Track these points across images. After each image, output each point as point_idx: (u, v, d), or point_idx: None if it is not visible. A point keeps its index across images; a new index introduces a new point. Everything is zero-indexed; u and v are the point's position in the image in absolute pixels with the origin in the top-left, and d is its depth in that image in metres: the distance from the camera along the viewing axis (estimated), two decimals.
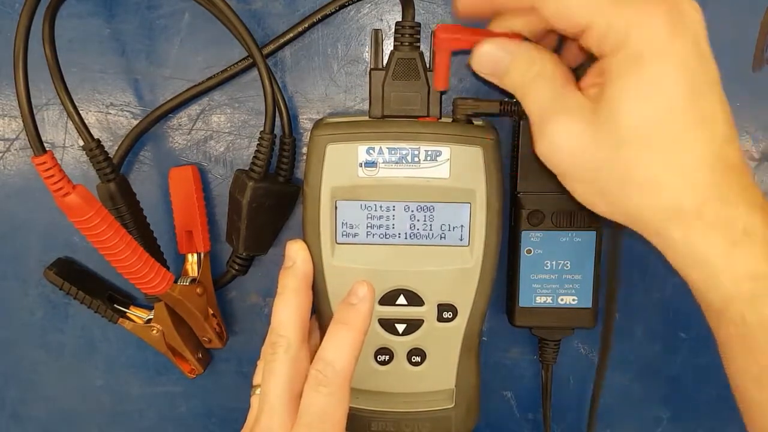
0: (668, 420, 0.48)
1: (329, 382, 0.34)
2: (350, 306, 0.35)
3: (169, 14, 0.42)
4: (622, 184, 0.29)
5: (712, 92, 0.28)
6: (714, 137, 0.28)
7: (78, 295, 0.43)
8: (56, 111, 0.43)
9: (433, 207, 0.38)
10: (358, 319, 0.35)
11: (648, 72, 0.27)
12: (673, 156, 0.28)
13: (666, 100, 0.27)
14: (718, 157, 0.28)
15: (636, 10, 0.27)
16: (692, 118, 0.28)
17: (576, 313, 0.43)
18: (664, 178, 0.28)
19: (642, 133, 0.28)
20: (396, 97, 0.38)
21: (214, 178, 0.44)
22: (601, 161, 0.29)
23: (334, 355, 0.34)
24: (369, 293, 0.35)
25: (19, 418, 0.48)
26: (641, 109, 0.28)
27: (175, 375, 0.47)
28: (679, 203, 0.28)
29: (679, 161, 0.28)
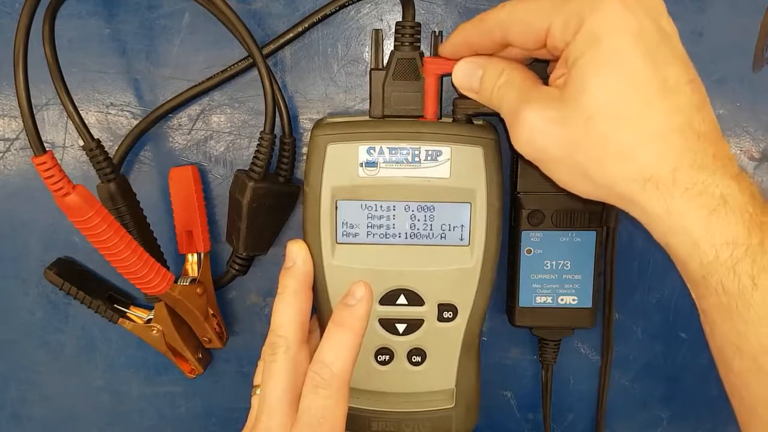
0: (668, 420, 0.48)
1: (327, 385, 0.34)
2: (347, 307, 0.35)
3: (169, 14, 0.42)
4: (597, 159, 0.29)
5: (675, 63, 0.29)
6: (681, 105, 0.29)
7: (78, 295, 0.43)
8: (56, 111, 0.43)
9: (434, 207, 0.38)
10: (356, 320, 0.35)
11: (605, 48, 0.28)
12: (641, 125, 0.28)
13: (626, 72, 0.28)
14: (689, 124, 0.29)
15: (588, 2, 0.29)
16: (655, 88, 0.28)
17: (576, 313, 0.43)
18: (636, 148, 0.29)
19: (608, 107, 0.29)
20: (396, 97, 0.38)
21: (214, 178, 0.44)
22: (573, 141, 0.30)
23: (332, 357, 0.34)
24: (366, 294, 0.35)
25: (19, 418, 0.48)
26: (603, 84, 0.28)
27: (175, 375, 0.47)
28: (653, 171, 0.29)
29: (648, 130, 0.28)
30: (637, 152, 0.29)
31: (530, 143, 0.31)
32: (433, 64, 0.37)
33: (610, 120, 0.29)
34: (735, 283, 0.28)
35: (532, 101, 0.31)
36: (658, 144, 0.28)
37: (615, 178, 0.29)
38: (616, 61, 0.28)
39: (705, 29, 0.42)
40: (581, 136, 0.29)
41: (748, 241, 0.28)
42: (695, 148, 0.28)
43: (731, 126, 0.43)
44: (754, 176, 0.44)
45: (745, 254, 0.28)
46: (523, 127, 0.31)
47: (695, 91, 0.29)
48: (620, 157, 0.29)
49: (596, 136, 0.29)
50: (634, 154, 0.29)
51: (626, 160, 0.29)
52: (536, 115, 0.30)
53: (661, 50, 0.29)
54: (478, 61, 0.34)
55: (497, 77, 0.33)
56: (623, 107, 0.28)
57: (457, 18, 0.42)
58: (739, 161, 0.44)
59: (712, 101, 0.42)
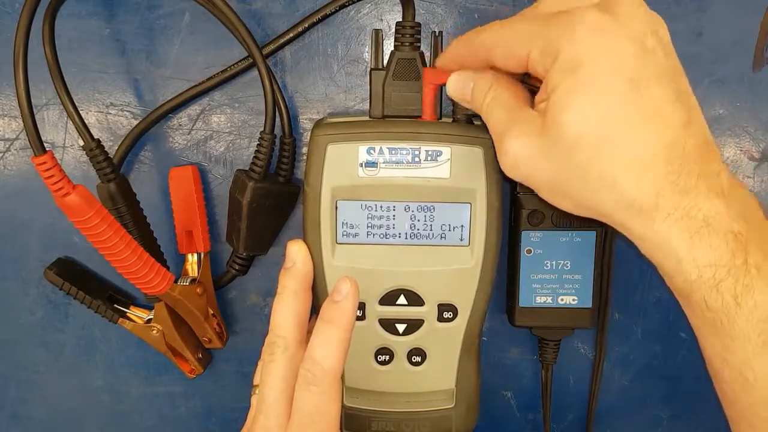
0: (668, 420, 0.48)
1: (319, 381, 0.34)
2: (334, 303, 0.35)
3: (169, 14, 0.42)
4: (580, 186, 0.30)
5: (659, 83, 0.29)
6: (666, 127, 0.28)
7: (78, 295, 0.43)
8: (56, 111, 0.43)
9: (434, 207, 0.38)
10: (343, 316, 0.35)
11: (581, 77, 0.28)
12: (622, 152, 0.28)
13: (604, 100, 0.28)
14: (672, 146, 0.28)
15: (562, 22, 0.29)
16: (637, 113, 0.28)
17: (576, 313, 0.43)
18: (617, 175, 0.29)
19: (586, 136, 0.28)
20: (396, 97, 0.38)
21: (214, 178, 0.44)
22: (556, 169, 0.30)
23: (321, 354, 0.34)
24: (352, 289, 0.35)
25: (19, 418, 0.48)
26: (581, 114, 0.28)
27: (175, 375, 0.47)
28: (635, 197, 0.29)
29: (629, 156, 0.28)
30: (619, 180, 0.29)
31: (515, 169, 0.31)
32: (431, 74, 0.37)
33: (589, 149, 0.29)
34: (718, 301, 0.29)
35: (515, 127, 0.31)
36: (640, 170, 0.28)
37: (598, 204, 0.30)
38: (593, 89, 0.28)
39: (705, 29, 0.42)
40: (562, 165, 0.30)
41: (731, 262, 0.28)
42: (679, 171, 0.28)
43: (731, 126, 0.43)
44: (754, 176, 0.44)
45: (728, 274, 0.28)
46: (507, 154, 0.31)
47: (681, 108, 0.29)
48: (602, 185, 0.29)
49: (577, 165, 0.29)
50: (616, 181, 0.29)
51: (608, 188, 0.29)
52: (519, 143, 0.31)
53: (643, 71, 0.28)
54: (469, 74, 0.35)
55: (485, 92, 0.33)
56: (602, 135, 0.28)
57: (457, 18, 0.42)
58: (739, 161, 0.44)
59: (712, 101, 0.43)
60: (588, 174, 0.29)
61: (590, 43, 0.28)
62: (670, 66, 0.29)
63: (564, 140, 0.29)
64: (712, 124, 0.43)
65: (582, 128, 0.28)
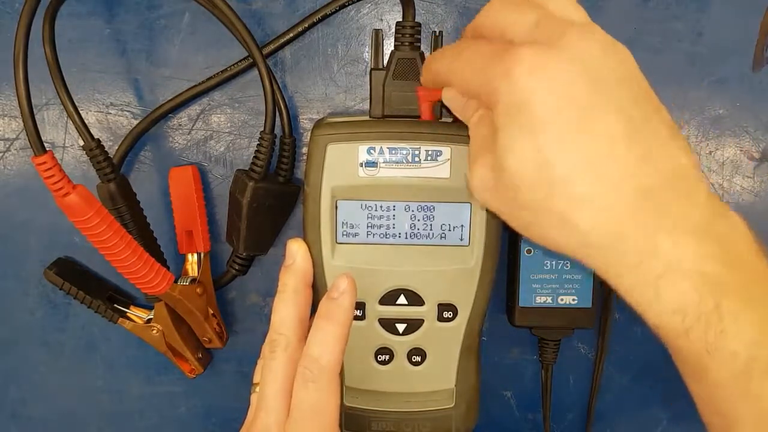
0: (668, 420, 0.48)
1: (317, 378, 0.34)
2: (332, 300, 0.35)
3: (169, 14, 0.42)
4: (537, 225, 0.28)
5: (607, 111, 0.26)
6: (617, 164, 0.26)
7: (78, 295, 0.43)
8: (56, 111, 0.43)
9: (434, 207, 0.38)
10: (341, 313, 0.35)
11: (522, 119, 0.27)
12: (572, 190, 0.27)
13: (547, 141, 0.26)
14: (629, 183, 0.26)
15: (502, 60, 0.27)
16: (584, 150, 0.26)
17: (576, 313, 0.43)
18: (569, 214, 0.27)
19: (532, 178, 0.27)
20: (396, 97, 0.38)
21: (214, 178, 0.44)
22: (513, 206, 0.29)
23: (319, 351, 0.34)
24: (350, 286, 0.35)
25: (19, 418, 0.48)
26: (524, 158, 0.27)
27: (175, 375, 0.47)
28: (593, 239, 0.27)
29: (580, 195, 0.26)
30: (574, 220, 0.27)
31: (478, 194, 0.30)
32: (425, 91, 0.37)
33: (536, 191, 0.27)
34: (690, 349, 0.27)
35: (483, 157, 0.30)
36: (593, 209, 0.26)
37: (559, 243, 0.28)
38: (534, 131, 0.26)
39: (705, 29, 0.42)
40: (516, 205, 0.28)
41: (699, 308, 0.26)
42: (639, 209, 0.26)
43: (731, 126, 0.43)
44: (754, 176, 0.44)
45: (698, 321, 0.26)
46: (472, 179, 0.30)
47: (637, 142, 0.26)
48: (558, 224, 0.27)
49: (529, 206, 0.28)
50: (571, 221, 0.27)
51: (564, 228, 0.27)
52: (482, 172, 0.29)
53: (591, 103, 0.26)
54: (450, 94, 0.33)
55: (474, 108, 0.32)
56: (548, 177, 0.27)
57: (457, 18, 0.42)
58: (739, 161, 0.44)
59: (712, 101, 0.43)
60: (541, 214, 0.28)
61: (528, 84, 0.26)
62: (624, 95, 0.27)
63: (509, 183, 0.28)
64: (712, 124, 0.43)
65: (525, 172, 0.27)
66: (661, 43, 0.42)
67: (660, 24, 0.42)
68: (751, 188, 0.44)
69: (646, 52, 0.42)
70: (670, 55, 0.42)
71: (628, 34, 0.42)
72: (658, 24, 0.42)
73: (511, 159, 0.27)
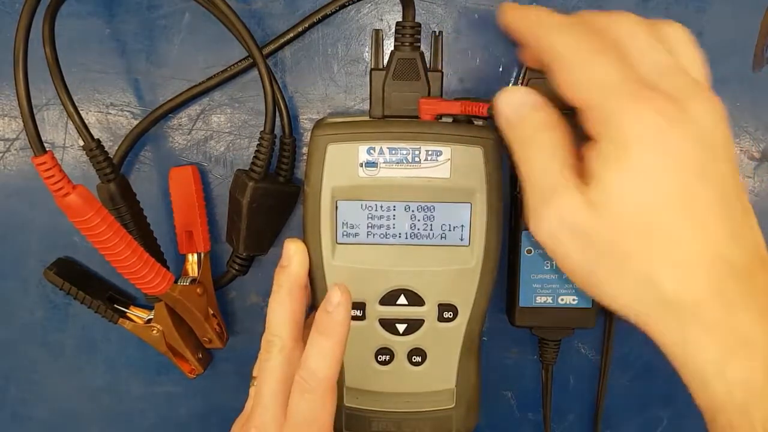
0: (668, 420, 0.48)
1: (314, 389, 0.34)
2: (327, 314, 0.35)
3: (169, 14, 0.42)
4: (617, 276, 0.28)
5: (713, 188, 0.27)
6: (710, 237, 0.27)
7: (78, 295, 0.43)
8: (56, 111, 0.43)
9: (434, 207, 0.38)
10: (335, 327, 0.35)
11: (638, 161, 0.27)
12: (668, 249, 0.27)
13: (657, 193, 0.27)
14: (719, 258, 0.27)
15: (635, 99, 0.27)
16: (683, 215, 0.27)
17: (576, 313, 0.43)
18: (660, 273, 0.27)
19: (637, 222, 0.27)
20: (396, 97, 0.38)
21: (214, 178, 0.44)
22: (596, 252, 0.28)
23: (316, 364, 0.35)
24: (344, 298, 0.35)
25: (19, 418, 0.48)
26: (633, 198, 0.27)
27: (175, 375, 0.47)
28: (673, 299, 0.27)
29: (674, 256, 0.27)
30: (660, 278, 0.27)
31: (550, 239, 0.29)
32: (428, 105, 0.37)
33: (634, 240, 0.27)
34: (744, 425, 0.27)
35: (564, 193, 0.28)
36: (683, 273, 0.27)
37: (632, 298, 0.28)
38: (646, 178, 0.27)
39: (705, 29, 0.42)
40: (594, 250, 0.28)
41: (765, 385, 0.26)
42: (724, 285, 0.27)
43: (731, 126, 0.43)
44: (754, 176, 0.44)
45: (760, 398, 0.26)
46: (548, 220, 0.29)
47: (729, 219, 0.27)
48: (642, 279, 0.27)
49: (619, 254, 0.28)
50: (656, 279, 0.27)
51: (647, 283, 0.27)
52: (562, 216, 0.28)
53: (696, 175, 0.27)
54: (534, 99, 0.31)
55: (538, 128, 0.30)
56: (650, 227, 0.27)
57: (457, 18, 0.42)
58: (740, 161, 0.44)
59: None
60: (628, 265, 0.28)
61: (654, 131, 0.26)
62: (725, 169, 0.28)
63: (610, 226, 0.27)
64: None
65: (631, 211, 0.27)
66: None
67: None
68: (751, 188, 0.44)
69: None
70: None
71: None
72: None
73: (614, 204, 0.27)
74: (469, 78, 0.43)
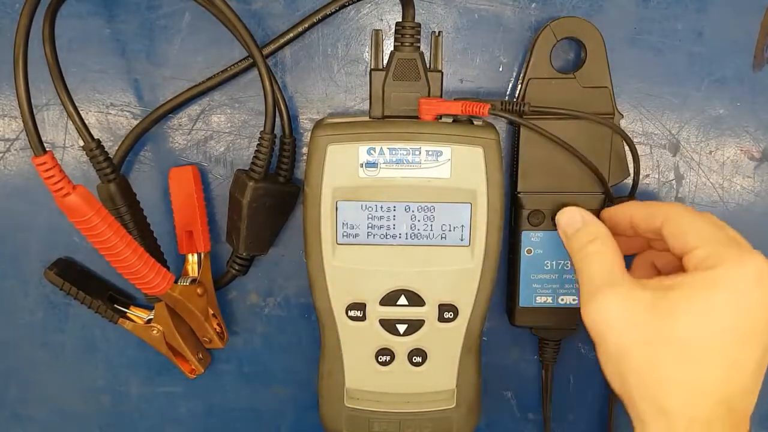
0: None
1: None
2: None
3: (169, 14, 0.42)
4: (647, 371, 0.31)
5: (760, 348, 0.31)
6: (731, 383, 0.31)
7: (78, 296, 0.43)
8: (56, 111, 0.43)
9: (434, 207, 0.38)
10: None
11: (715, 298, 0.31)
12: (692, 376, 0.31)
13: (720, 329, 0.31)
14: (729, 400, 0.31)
15: (740, 251, 0.32)
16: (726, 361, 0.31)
17: (576, 313, 0.42)
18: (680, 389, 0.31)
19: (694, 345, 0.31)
20: (396, 97, 0.38)
21: (214, 178, 0.44)
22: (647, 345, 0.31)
23: None
24: None
25: (19, 418, 0.48)
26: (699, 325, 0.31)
27: (175, 375, 0.47)
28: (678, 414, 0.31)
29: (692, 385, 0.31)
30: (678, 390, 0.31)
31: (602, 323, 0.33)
32: (428, 105, 0.38)
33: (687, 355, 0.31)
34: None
35: (620, 288, 0.33)
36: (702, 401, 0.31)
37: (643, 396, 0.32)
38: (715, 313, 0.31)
39: (705, 29, 0.42)
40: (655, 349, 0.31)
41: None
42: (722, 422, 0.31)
43: (731, 126, 0.43)
44: (754, 176, 0.44)
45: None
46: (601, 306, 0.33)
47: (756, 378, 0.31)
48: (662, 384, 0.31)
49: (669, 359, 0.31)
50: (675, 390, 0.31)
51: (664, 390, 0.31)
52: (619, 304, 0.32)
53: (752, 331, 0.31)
54: (583, 216, 0.38)
55: (591, 239, 0.36)
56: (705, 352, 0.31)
57: (457, 18, 0.42)
58: (739, 161, 0.44)
59: (712, 101, 0.43)
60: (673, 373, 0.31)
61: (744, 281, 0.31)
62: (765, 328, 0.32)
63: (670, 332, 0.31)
64: (712, 124, 0.43)
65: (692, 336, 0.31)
66: (661, 43, 0.42)
67: (660, 24, 0.42)
68: (751, 188, 0.44)
69: (646, 52, 0.42)
70: (670, 55, 0.42)
71: (628, 34, 0.42)
72: (658, 24, 0.42)
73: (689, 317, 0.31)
74: (469, 78, 0.43)
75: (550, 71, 0.41)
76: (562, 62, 0.42)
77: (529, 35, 0.42)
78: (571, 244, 0.37)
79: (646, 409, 0.31)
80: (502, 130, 0.43)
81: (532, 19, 0.42)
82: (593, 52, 0.40)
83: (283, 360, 0.47)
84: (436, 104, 0.37)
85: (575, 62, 0.42)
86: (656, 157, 0.44)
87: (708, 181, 0.44)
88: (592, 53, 0.40)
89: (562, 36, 0.40)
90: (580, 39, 0.40)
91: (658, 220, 0.35)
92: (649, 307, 0.32)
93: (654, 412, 0.31)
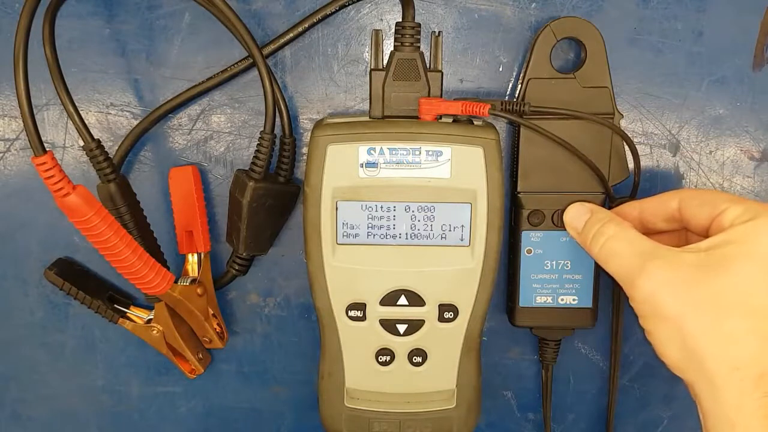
0: (668, 420, 0.48)
1: None
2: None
3: (169, 14, 0.42)
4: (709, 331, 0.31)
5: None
6: None
7: (78, 296, 0.43)
8: (56, 111, 0.43)
9: (434, 207, 0.38)
10: None
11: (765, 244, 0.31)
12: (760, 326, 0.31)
13: None
14: None
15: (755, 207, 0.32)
16: None
17: (576, 312, 0.43)
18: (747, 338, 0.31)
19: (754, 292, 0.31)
20: (396, 97, 0.38)
21: (214, 178, 0.44)
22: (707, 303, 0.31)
23: None
24: None
25: (19, 418, 0.48)
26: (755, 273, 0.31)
27: (175, 375, 0.47)
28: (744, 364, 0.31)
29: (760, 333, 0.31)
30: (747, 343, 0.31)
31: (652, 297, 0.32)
32: (428, 105, 0.38)
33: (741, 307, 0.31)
34: None
35: (661, 255, 0.33)
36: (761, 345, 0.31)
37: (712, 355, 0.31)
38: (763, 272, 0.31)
39: (705, 29, 0.42)
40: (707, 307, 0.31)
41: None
42: None
43: (731, 126, 0.43)
44: (754, 176, 0.44)
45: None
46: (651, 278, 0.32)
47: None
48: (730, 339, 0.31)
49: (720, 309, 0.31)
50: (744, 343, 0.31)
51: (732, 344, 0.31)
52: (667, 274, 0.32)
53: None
54: (589, 206, 0.38)
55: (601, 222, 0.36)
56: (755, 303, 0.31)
57: (457, 18, 0.42)
58: (739, 161, 0.44)
59: (712, 101, 0.43)
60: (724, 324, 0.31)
61: None
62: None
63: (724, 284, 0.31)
64: (712, 124, 0.43)
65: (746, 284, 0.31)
66: (661, 43, 0.42)
67: (660, 24, 0.42)
68: (751, 188, 0.44)
69: (646, 52, 0.42)
70: (670, 55, 0.42)
71: (628, 34, 0.42)
72: (658, 24, 0.42)
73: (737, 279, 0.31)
74: (469, 78, 0.43)
75: (550, 71, 0.41)
76: (562, 62, 0.42)
77: (529, 35, 0.42)
78: (585, 235, 0.37)
79: (717, 369, 0.31)
80: (502, 130, 0.43)
81: (532, 19, 0.42)
82: (593, 52, 0.40)
83: (283, 360, 0.47)
84: (436, 104, 0.37)
85: (575, 62, 0.42)
86: (656, 157, 0.44)
87: (708, 181, 0.44)
88: (592, 53, 0.40)
89: (562, 36, 0.40)
90: (580, 39, 0.40)
91: (674, 202, 0.35)
92: (700, 267, 0.31)
93: (726, 369, 0.31)
